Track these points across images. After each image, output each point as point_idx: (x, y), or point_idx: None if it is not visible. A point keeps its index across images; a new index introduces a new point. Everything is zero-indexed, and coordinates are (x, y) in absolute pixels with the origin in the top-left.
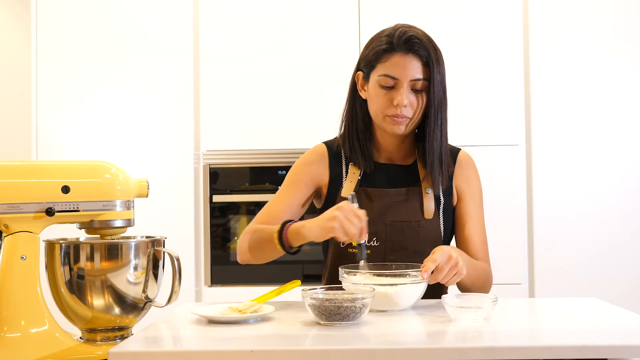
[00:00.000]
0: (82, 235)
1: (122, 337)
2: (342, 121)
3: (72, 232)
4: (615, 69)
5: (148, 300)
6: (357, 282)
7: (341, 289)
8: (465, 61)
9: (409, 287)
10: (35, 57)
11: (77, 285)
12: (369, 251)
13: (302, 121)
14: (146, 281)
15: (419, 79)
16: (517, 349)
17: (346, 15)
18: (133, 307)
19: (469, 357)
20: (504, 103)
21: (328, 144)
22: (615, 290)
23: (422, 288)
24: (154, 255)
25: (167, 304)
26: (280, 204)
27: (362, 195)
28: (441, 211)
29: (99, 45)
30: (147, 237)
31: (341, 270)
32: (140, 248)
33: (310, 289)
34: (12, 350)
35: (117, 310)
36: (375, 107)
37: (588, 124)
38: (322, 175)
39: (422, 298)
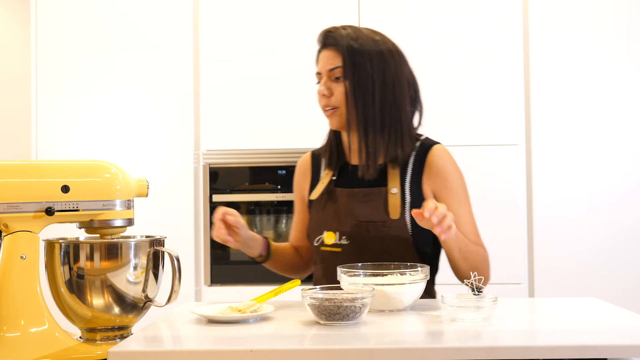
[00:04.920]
0: (82, 235)
1: (122, 337)
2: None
3: (71, 231)
4: (615, 68)
5: (148, 300)
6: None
7: (340, 288)
8: (466, 61)
9: (408, 287)
10: (35, 57)
11: (77, 285)
12: (330, 248)
13: (302, 121)
14: (146, 281)
15: (334, 68)
16: (517, 348)
17: (346, 15)
18: (133, 306)
19: (468, 357)
20: (504, 103)
21: (314, 151)
22: (615, 290)
23: (421, 288)
24: (154, 255)
25: (166, 303)
26: (294, 227)
27: (330, 196)
28: (408, 210)
29: (98, 45)
30: (147, 236)
31: (339, 270)
32: (140, 247)
33: (310, 289)
34: (11, 350)
35: (116, 309)
36: (319, 105)
37: (588, 123)
38: (303, 183)
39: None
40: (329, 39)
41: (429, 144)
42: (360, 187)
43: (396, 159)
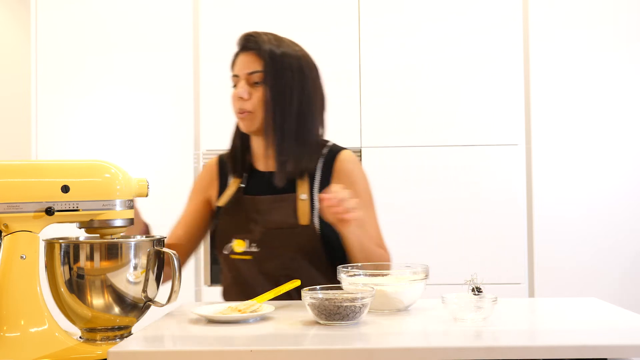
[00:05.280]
0: (82, 235)
1: (122, 337)
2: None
3: (71, 231)
4: (615, 68)
5: (148, 300)
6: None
7: (340, 288)
8: (465, 61)
9: (408, 287)
10: (35, 57)
11: (77, 285)
12: (240, 256)
13: None
14: (146, 280)
15: (254, 72)
16: (516, 348)
17: (346, 15)
18: (133, 306)
19: (468, 357)
20: (504, 103)
21: (221, 157)
22: (615, 290)
23: (421, 288)
24: (154, 255)
25: (167, 303)
26: (178, 226)
27: (238, 203)
28: (317, 216)
29: (99, 45)
30: (147, 236)
31: (339, 269)
32: (140, 247)
33: (310, 289)
34: (11, 350)
35: (116, 309)
36: (233, 108)
37: (588, 123)
38: (210, 188)
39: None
40: (250, 43)
41: (336, 150)
42: (269, 194)
43: (306, 169)
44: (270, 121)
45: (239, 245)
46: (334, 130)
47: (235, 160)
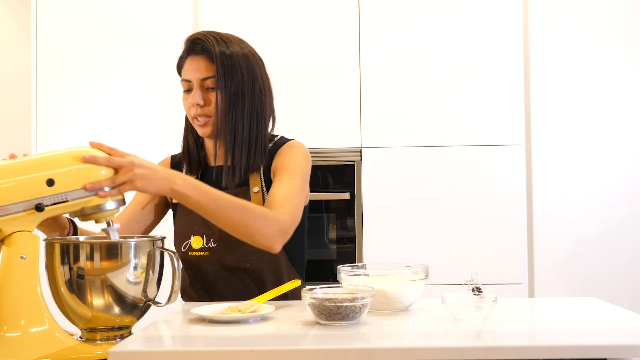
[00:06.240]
0: (82, 235)
1: (122, 337)
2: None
3: (91, 226)
4: (615, 68)
5: (148, 300)
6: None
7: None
8: (465, 61)
9: (408, 287)
10: (35, 57)
11: (77, 285)
12: (199, 252)
13: (301, 120)
14: (146, 280)
15: (207, 77)
16: (516, 348)
17: (346, 14)
18: (133, 306)
19: (468, 357)
20: (504, 103)
21: (174, 156)
22: (615, 290)
23: (421, 288)
24: (154, 255)
25: (167, 303)
26: (125, 210)
27: None
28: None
29: (99, 45)
30: (147, 236)
31: (339, 269)
32: (139, 247)
33: (310, 289)
34: (11, 350)
35: (116, 309)
36: (186, 113)
37: (588, 123)
38: None
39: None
40: (198, 46)
41: (284, 141)
42: (224, 189)
43: (254, 167)
44: (224, 126)
45: (196, 242)
46: (334, 130)
47: (190, 160)
